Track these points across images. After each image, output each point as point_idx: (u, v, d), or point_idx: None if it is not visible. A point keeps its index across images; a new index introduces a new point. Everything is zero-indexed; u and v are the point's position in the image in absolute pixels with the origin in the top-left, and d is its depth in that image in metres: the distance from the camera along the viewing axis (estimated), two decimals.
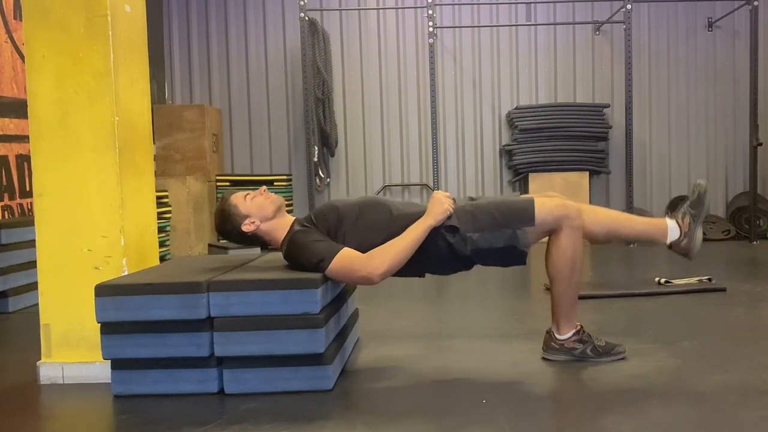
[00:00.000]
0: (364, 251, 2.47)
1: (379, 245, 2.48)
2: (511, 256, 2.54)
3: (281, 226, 2.61)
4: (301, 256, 2.49)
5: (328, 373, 2.39)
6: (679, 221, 2.65)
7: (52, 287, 2.66)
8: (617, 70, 7.30)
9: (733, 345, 2.87)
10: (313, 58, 6.91)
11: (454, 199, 2.61)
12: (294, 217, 2.68)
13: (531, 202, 2.56)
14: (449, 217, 2.53)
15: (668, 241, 2.66)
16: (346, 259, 2.44)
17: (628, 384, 2.38)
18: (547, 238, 2.61)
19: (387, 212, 2.59)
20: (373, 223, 2.56)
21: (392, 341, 3.08)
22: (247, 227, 2.58)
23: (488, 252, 2.53)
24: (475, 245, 2.51)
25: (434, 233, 2.51)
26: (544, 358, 2.68)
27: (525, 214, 2.53)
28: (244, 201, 2.60)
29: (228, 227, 2.62)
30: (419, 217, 2.52)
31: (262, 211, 2.59)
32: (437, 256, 2.55)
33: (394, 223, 2.54)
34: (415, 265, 2.56)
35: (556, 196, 2.69)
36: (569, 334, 2.63)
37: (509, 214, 2.54)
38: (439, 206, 2.52)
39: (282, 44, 7.48)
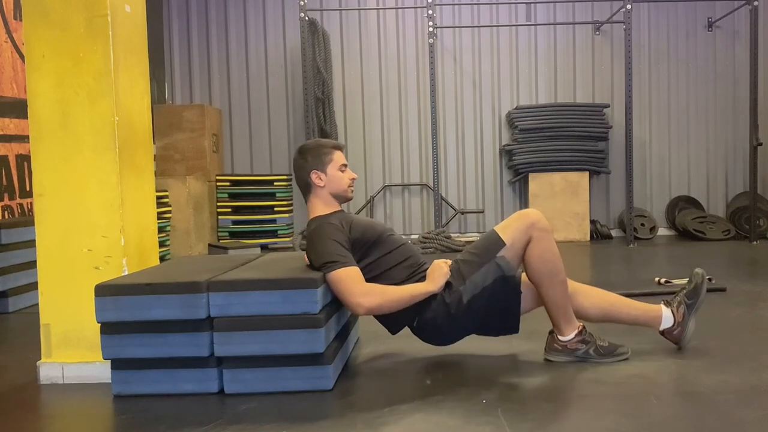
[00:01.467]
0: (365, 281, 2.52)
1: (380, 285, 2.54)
2: (504, 288, 2.54)
3: (327, 205, 2.66)
4: (318, 246, 2.51)
5: (328, 372, 2.39)
6: (674, 310, 2.71)
7: (52, 287, 2.66)
8: (617, 70, 7.30)
9: (733, 345, 2.87)
10: (313, 58, 6.91)
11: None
12: (341, 209, 2.71)
13: (492, 231, 2.65)
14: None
15: (661, 328, 2.73)
16: (350, 277, 2.46)
17: (628, 384, 2.38)
18: None
19: (411, 267, 2.64)
20: (393, 266, 2.61)
21: (392, 341, 3.08)
22: (313, 177, 2.63)
23: (482, 294, 2.54)
24: (469, 293, 2.54)
25: (434, 299, 2.56)
26: (546, 360, 2.68)
27: (493, 241, 2.60)
28: (336, 166, 2.65)
29: (307, 158, 2.65)
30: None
31: (333, 185, 2.65)
32: (438, 319, 2.58)
33: (408, 280, 2.60)
34: (400, 322, 2.63)
35: None
36: (572, 335, 2.64)
37: (481, 250, 2.61)
38: (439, 271, 2.56)
39: (282, 44, 7.49)
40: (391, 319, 2.63)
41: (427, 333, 2.66)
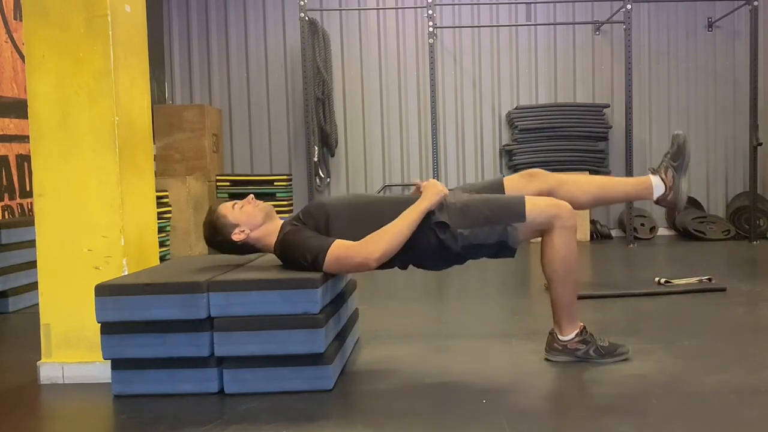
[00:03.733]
0: None
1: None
2: (501, 250, 2.55)
3: (271, 231, 2.60)
4: (296, 254, 2.49)
5: (328, 373, 2.39)
6: (663, 176, 2.67)
7: (52, 287, 2.66)
8: (617, 70, 7.30)
9: (733, 345, 2.87)
10: (313, 58, 6.91)
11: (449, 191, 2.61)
12: (282, 220, 2.67)
13: (522, 198, 2.57)
14: (441, 210, 2.53)
15: (655, 197, 2.69)
16: (340, 249, 2.44)
17: (628, 384, 2.38)
18: (540, 238, 2.61)
19: (377, 206, 2.59)
20: (362, 219, 2.54)
21: (392, 341, 3.08)
22: (237, 236, 2.57)
23: (479, 247, 2.53)
24: (466, 241, 2.51)
25: (425, 229, 2.50)
26: (546, 359, 2.68)
27: (516, 210, 2.53)
28: (232, 210, 2.60)
29: (218, 238, 2.61)
30: (411, 204, 2.52)
31: (252, 219, 2.59)
32: (428, 250, 2.55)
33: (384, 216, 2.52)
34: (403, 257, 2.55)
35: (538, 173, 2.72)
36: (572, 335, 2.63)
37: (500, 210, 2.54)
38: (433, 188, 2.53)
39: (282, 44, 7.48)
40: (395, 258, 2.53)
41: (421, 264, 2.63)
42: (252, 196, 2.66)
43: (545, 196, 2.63)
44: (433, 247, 2.54)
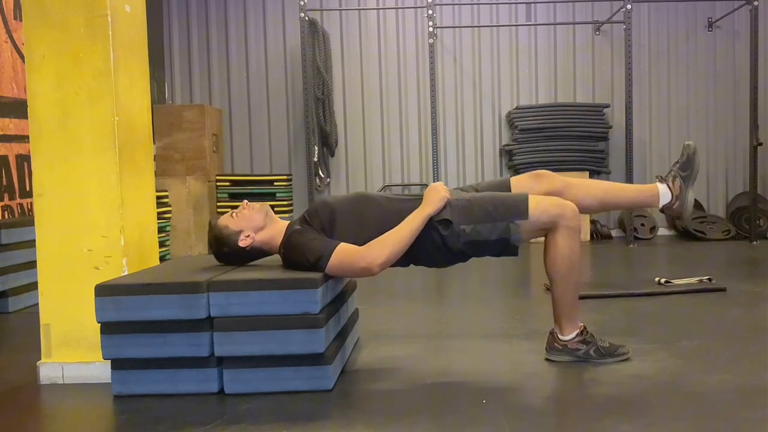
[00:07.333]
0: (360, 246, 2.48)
1: (373, 239, 2.48)
2: (504, 248, 2.54)
3: (276, 232, 2.61)
4: (299, 256, 2.49)
5: (328, 373, 2.39)
6: (670, 185, 2.68)
7: (52, 287, 2.66)
8: (617, 70, 7.30)
9: (733, 345, 2.87)
10: (313, 58, 6.92)
11: (451, 191, 2.60)
12: (287, 221, 2.67)
13: (525, 196, 2.56)
14: (444, 208, 2.52)
15: (660, 205, 2.70)
16: (344, 253, 2.44)
17: (628, 384, 2.38)
18: (543, 237, 2.60)
19: (379, 207, 2.59)
20: (366, 219, 2.55)
21: (392, 341, 3.08)
22: (243, 242, 2.58)
23: (482, 244, 2.52)
24: (468, 237, 2.51)
25: (428, 226, 2.51)
26: (547, 359, 2.68)
27: (519, 207, 2.52)
28: (231, 218, 2.61)
29: (226, 249, 2.62)
30: (413, 210, 2.52)
31: (252, 221, 2.59)
32: (430, 248, 2.54)
33: (387, 218, 2.54)
34: (406, 256, 2.55)
35: (545, 175, 2.71)
36: (572, 335, 2.63)
37: (503, 207, 2.54)
38: (435, 194, 2.52)
39: (282, 44, 7.49)
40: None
41: (423, 262, 2.63)
42: (246, 201, 2.66)
43: (550, 196, 2.61)
44: (436, 245, 2.54)
